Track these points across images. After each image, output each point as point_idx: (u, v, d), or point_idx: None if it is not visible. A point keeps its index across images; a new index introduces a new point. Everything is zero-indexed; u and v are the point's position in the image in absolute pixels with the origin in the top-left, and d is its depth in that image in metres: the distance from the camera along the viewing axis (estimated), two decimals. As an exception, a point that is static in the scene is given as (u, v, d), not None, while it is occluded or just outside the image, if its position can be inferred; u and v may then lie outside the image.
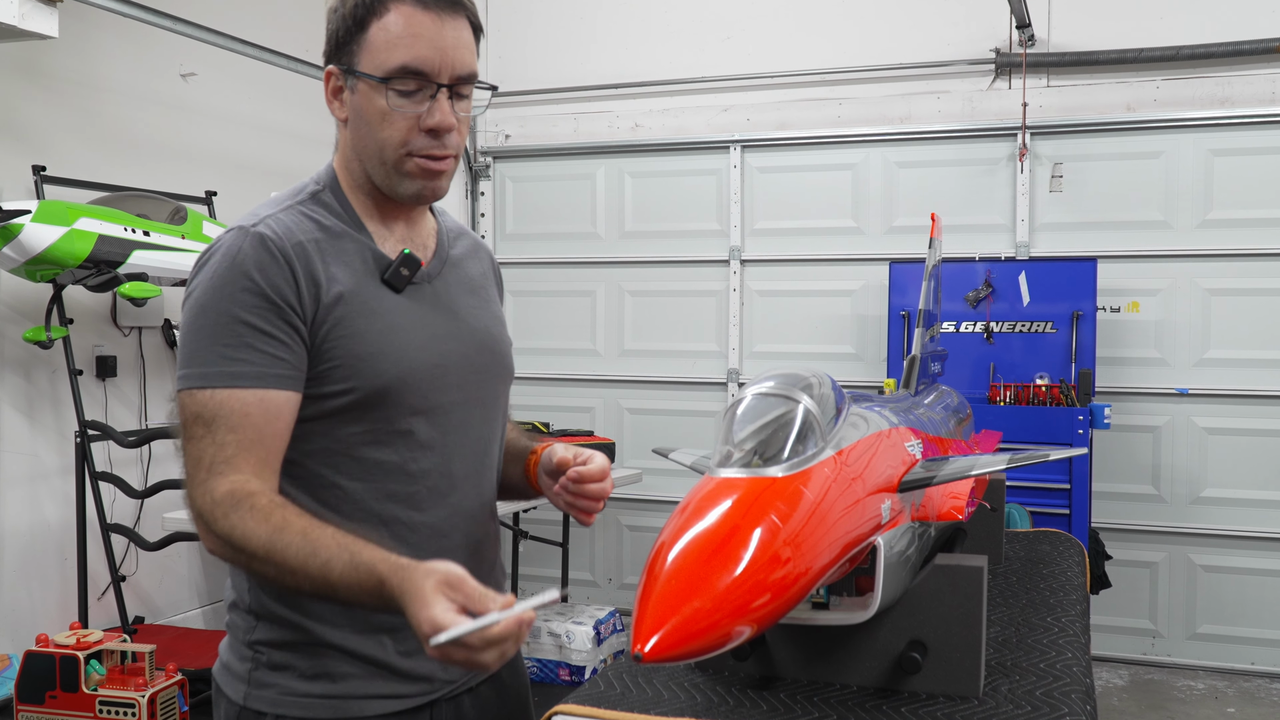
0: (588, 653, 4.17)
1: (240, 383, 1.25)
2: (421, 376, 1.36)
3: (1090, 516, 4.28)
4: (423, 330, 1.38)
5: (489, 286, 1.56)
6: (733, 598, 1.19)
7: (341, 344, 1.31)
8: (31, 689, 3.24)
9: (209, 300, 1.28)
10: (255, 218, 1.33)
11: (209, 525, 1.23)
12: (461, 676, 1.44)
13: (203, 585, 4.73)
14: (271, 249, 1.28)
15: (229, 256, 1.28)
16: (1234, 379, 4.58)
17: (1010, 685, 1.66)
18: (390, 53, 1.30)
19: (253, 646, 1.36)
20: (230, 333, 1.26)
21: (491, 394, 1.48)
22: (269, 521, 1.20)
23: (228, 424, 1.25)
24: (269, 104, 5.12)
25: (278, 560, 1.19)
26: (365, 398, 1.32)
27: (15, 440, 3.90)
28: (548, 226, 5.56)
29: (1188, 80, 4.60)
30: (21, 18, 3.26)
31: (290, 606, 1.34)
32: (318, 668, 1.34)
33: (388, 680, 1.36)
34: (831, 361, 5.03)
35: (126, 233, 3.76)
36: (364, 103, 1.33)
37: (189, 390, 1.27)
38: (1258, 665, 4.58)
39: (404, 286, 1.37)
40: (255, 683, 1.35)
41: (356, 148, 1.37)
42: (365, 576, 1.15)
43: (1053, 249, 4.76)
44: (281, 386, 1.28)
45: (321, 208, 1.38)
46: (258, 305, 1.26)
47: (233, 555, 1.23)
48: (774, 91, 5.19)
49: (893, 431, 1.77)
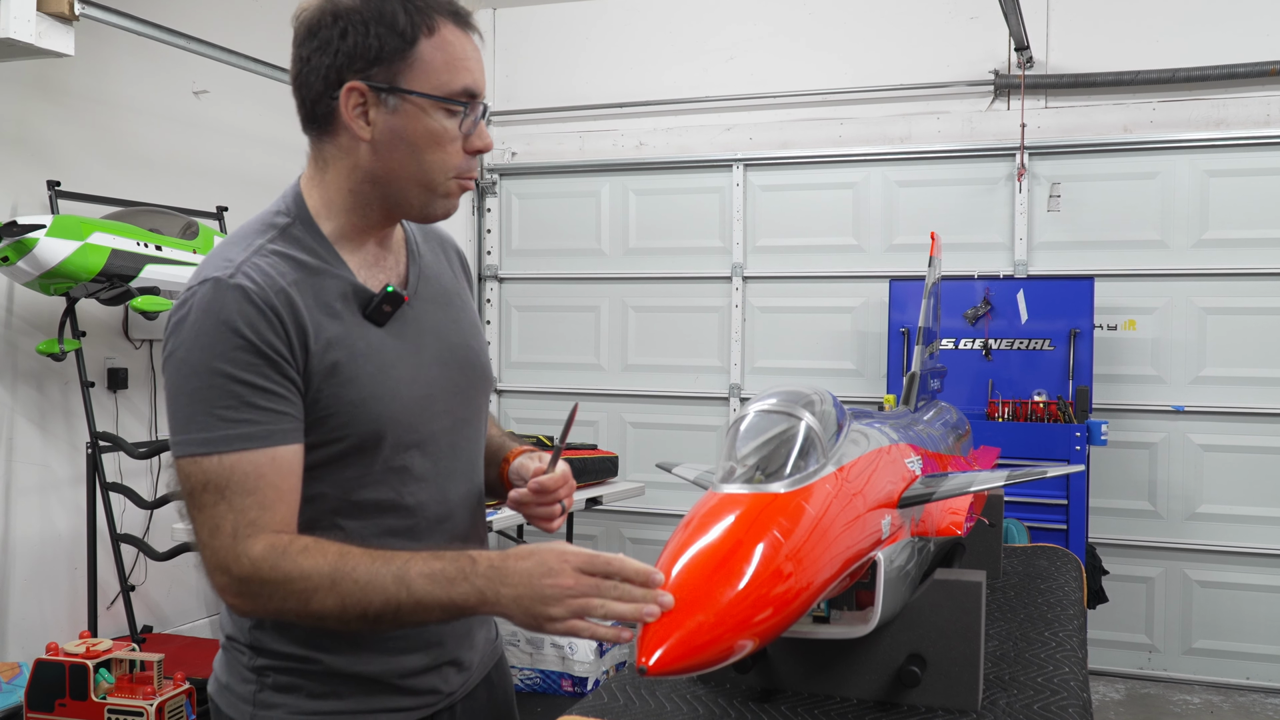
0: (590, 664, 4.20)
1: (249, 444, 1.19)
2: (413, 411, 1.32)
3: (1087, 532, 4.31)
4: (408, 362, 1.33)
5: (460, 290, 1.49)
6: (736, 612, 1.20)
7: (336, 392, 1.25)
8: (41, 697, 3.25)
9: (198, 361, 1.20)
10: (229, 265, 1.23)
11: (253, 583, 1.19)
12: (460, 687, 1.45)
13: (210, 595, 4.75)
14: (256, 301, 1.21)
15: (211, 313, 1.20)
16: (1229, 396, 4.62)
17: (1008, 699, 1.66)
18: (453, 74, 1.25)
19: (257, 671, 1.33)
20: (228, 394, 1.19)
21: (475, 410, 1.46)
22: (326, 553, 1.19)
23: (243, 488, 1.19)
24: (280, 121, 5.14)
25: (347, 582, 1.17)
26: (360, 443, 1.28)
27: (27, 451, 3.94)
28: (553, 243, 5.61)
29: (1184, 102, 4.66)
30: (38, 36, 3.31)
31: (289, 639, 1.31)
32: (325, 689, 1.32)
33: (393, 696, 1.36)
34: (832, 377, 5.08)
35: (139, 247, 3.81)
36: (408, 123, 1.25)
37: (192, 457, 1.20)
38: (1253, 680, 4.60)
39: (385, 321, 1.31)
40: (261, 704, 1.32)
41: (384, 171, 1.28)
42: (449, 561, 1.17)
43: (1051, 267, 4.81)
44: (288, 441, 1.22)
45: (293, 244, 1.28)
46: (253, 363, 1.20)
47: (282, 603, 1.19)
48: (776, 111, 5.25)
49: (893, 448, 1.78)
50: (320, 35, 1.24)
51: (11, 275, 3.56)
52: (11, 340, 3.88)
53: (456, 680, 1.44)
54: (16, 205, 3.90)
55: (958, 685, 1.62)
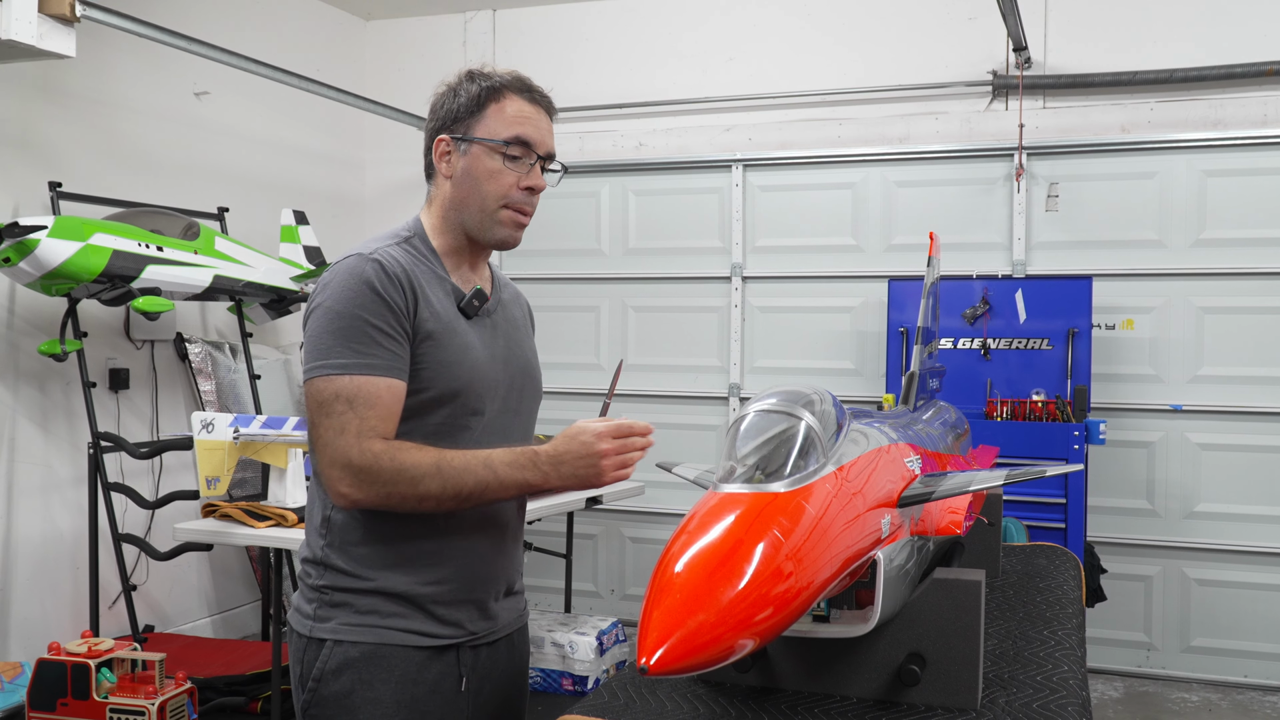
0: (590, 663, 4.22)
1: (375, 371, 1.58)
2: (482, 386, 1.69)
3: (1086, 531, 4.33)
4: (485, 350, 1.72)
5: (526, 327, 1.92)
6: (736, 612, 1.20)
7: (431, 353, 1.64)
8: (43, 696, 3.27)
9: (342, 308, 1.59)
10: (370, 247, 1.65)
11: (373, 472, 1.55)
12: (485, 629, 1.74)
13: (211, 595, 4.77)
14: (390, 271, 1.61)
15: (356, 275, 1.60)
16: (1227, 395, 4.64)
17: (1008, 698, 1.67)
18: (509, 128, 1.69)
19: (318, 590, 1.68)
20: (362, 333, 1.58)
21: (528, 407, 1.84)
22: (428, 451, 1.58)
23: (367, 402, 1.57)
24: (280, 122, 5.19)
25: (447, 469, 1.56)
26: (440, 396, 1.65)
27: (30, 451, 3.95)
28: (553, 243, 5.62)
29: (1181, 102, 4.67)
30: (40, 38, 3.32)
31: (355, 559, 1.65)
32: (368, 606, 1.65)
33: (425, 621, 1.66)
34: (831, 377, 5.09)
35: (140, 248, 3.82)
36: (475, 164, 1.69)
37: (327, 376, 1.58)
38: (1250, 678, 4.62)
39: (474, 315, 1.72)
40: (319, 618, 1.67)
41: (458, 199, 1.72)
42: (520, 453, 1.59)
43: (1049, 267, 4.83)
44: (399, 377, 1.60)
45: (411, 249, 1.71)
46: (383, 313, 1.59)
47: (394, 487, 1.55)
48: (775, 112, 5.26)
49: (892, 447, 1.78)
50: (432, 107, 1.75)
51: (13, 276, 3.58)
52: (13, 341, 3.89)
53: (481, 624, 1.73)
54: (18, 206, 3.91)
55: (957, 684, 1.62)
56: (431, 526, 1.65)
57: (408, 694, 1.65)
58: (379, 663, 1.65)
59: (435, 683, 1.68)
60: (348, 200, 5.75)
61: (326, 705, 1.66)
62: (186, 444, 3.69)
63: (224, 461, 3.54)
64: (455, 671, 1.71)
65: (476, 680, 1.75)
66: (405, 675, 1.65)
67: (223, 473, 3.54)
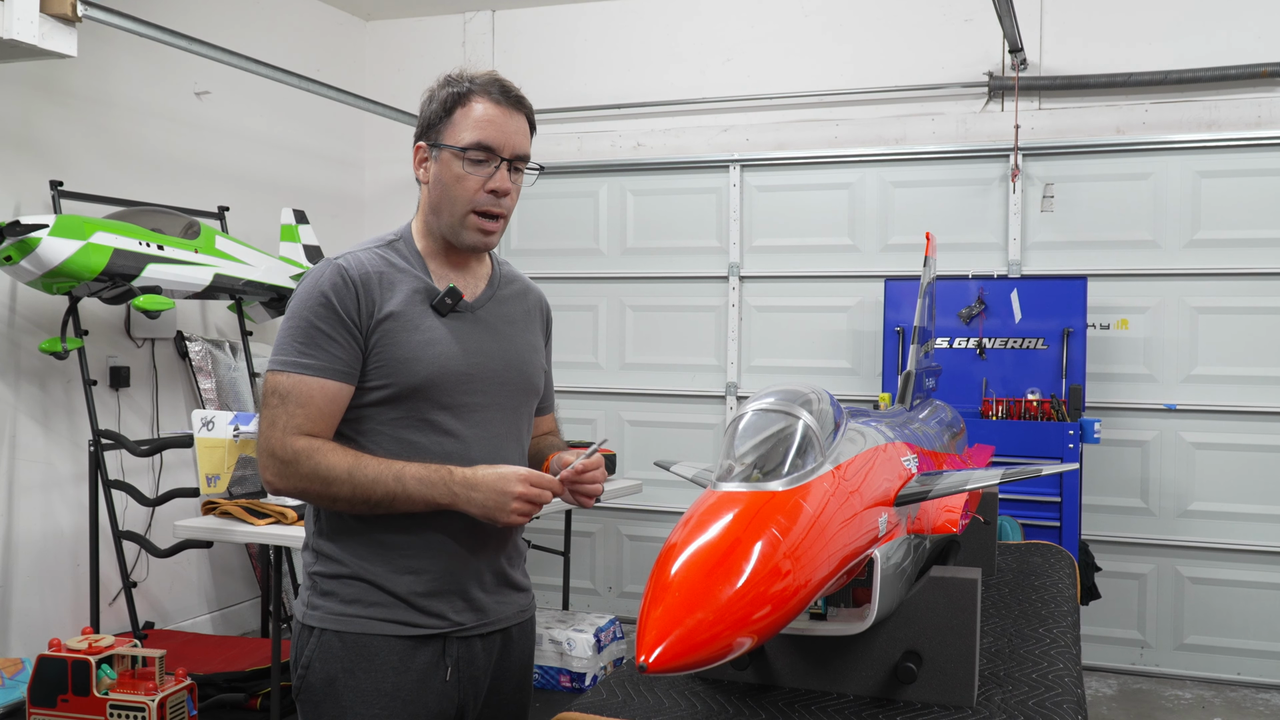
0: (588, 660, 4.24)
1: (310, 372, 1.66)
2: (449, 381, 1.72)
3: (1080, 529, 4.35)
4: (457, 345, 1.75)
5: (531, 324, 1.93)
6: (734, 610, 1.21)
7: (385, 350, 1.69)
8: (43, 692, 3.27)
9: (296, 309, 1.69)
10: (344, 252, 1.75)
11: (293, 467, 1.63)
12: (472, 621, 1.76)
13: (211, 591, 4.78)
14: (347, 277, 1.69)
15: (316, 279, 1.70)
16: (1221, 395, 4.67)
17: (1003, 695, 1.69)
18: (469, 132, 1.72)
19: (311, 577, 1.75)
20: (308, 336, 1.67)
21: (513, 402, 1.84)
22: (347, 455, 1.65)
23: (298, 401, 1.66)
24: (281, 121, 5.20)
25: (359, 477, 1.62)
26: (399, 392, 1.70)
27: (30, 449, 3.96)
28: (551, 242, 5.64)
29: (1176, 104, 4.70)
30: (41, 37, 3.33)
31: (339, 546, 1.72)
32: (354, 594, 1.70)
33: (406, 611, 1.70)
34: (828, 376, 5.11)
35: (141, 247, 3.83)
36: (444, 169, 1.74)
37: (273, 371, 1.68)
38: (1244, 675, 4.65)
39: (447, 312, 1.75)
40: (310, 605, 1.74)
41: (433, 204, 1.77)
42: (435, 471, 1.64)
43: (1044, 267, 4.85)
44: (337, 379, 1.67)
45: (393, 252, 1.78)
46: (330, 318, 1.67)
47: (308, 484, 1.64)
48: (773, 112, 5.28)
49: (889, 446, 1.80)
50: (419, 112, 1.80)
51: (14, 274, 3.59)
52: (14, 339, 3.91)
53: (468, 616, 1.75)
54: (19, 205, 3.92)
55: (953, 681, 1.64)
56: (406, 517, 1.68)
57: (390, 683, 1.69)
58: (362, 651, 1.69)
59: (421, 672, 1.71)
60: (348, 200, 5.77)
61: (314, 692, 1.71)
62: (187, 441, 3.70)
63: (224, 459, 3.55)
64: (441, 662, 1.73)
65: (468, 672, 1.77)
66: (388, 664, 1.69)
67: (223, 470, 3.55)
